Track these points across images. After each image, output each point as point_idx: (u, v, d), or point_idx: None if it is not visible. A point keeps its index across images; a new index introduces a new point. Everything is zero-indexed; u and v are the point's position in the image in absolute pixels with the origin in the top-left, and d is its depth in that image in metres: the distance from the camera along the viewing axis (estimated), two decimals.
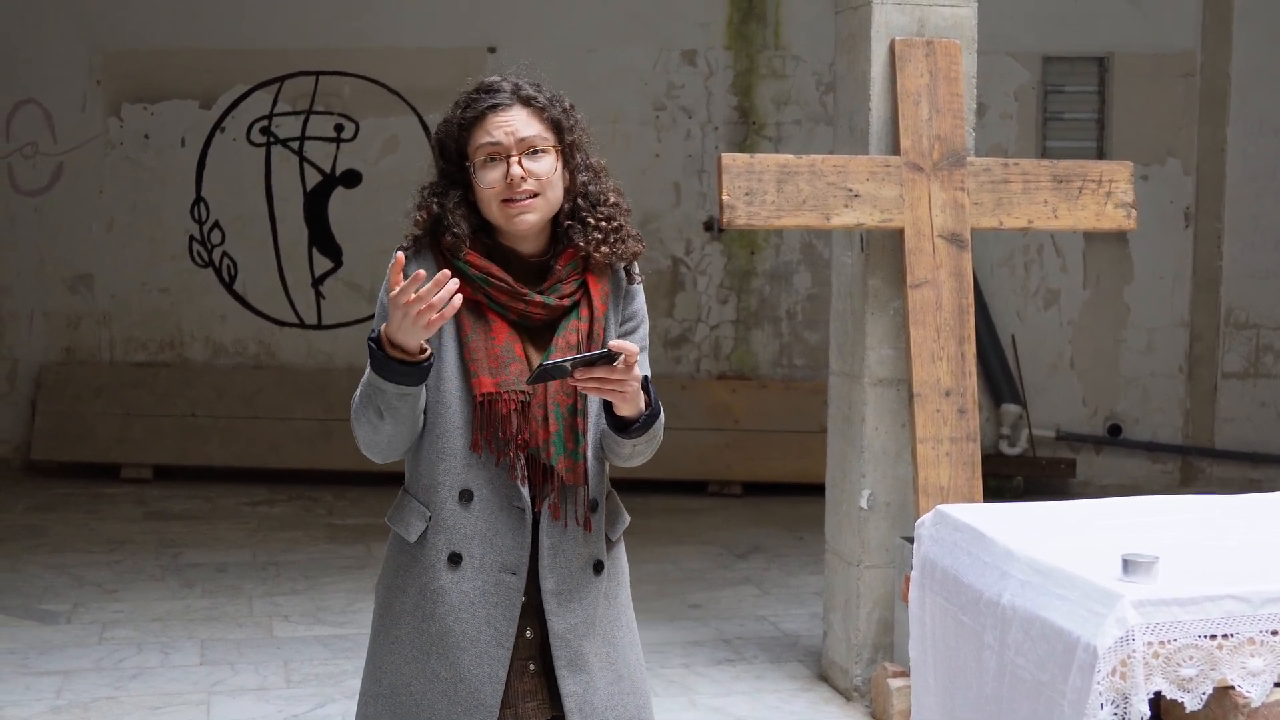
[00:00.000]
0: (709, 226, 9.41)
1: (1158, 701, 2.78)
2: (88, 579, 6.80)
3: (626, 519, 2.92)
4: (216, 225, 9.35)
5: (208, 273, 9.38)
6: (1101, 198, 5.25)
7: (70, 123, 9.24)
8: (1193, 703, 2.73)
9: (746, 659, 5.83)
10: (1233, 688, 2.75)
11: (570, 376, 2.56)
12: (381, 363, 2.60)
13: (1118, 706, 2.65)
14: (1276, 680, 2.79)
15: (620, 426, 2.70)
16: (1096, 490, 9.09)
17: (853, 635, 5.36)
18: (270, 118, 9.32)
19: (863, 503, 5.31)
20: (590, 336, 2.72)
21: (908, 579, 3.99)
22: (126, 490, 8.74)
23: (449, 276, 2.52)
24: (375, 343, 2.61)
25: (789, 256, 9.53)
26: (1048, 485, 9.18)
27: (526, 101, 2.71)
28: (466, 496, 2.72)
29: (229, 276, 9.38)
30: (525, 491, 2.71)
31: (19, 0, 9.08)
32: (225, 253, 9.37)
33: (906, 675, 4.84)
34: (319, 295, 9.43)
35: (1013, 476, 9.19)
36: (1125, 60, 9.42)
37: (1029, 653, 2.87)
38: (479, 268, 2.70)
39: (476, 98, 2.72)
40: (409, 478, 2.82)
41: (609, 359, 2.53)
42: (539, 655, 2.76)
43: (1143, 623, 2.67)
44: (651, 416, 2.70)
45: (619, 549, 2.90)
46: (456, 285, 2.52)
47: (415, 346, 2.58)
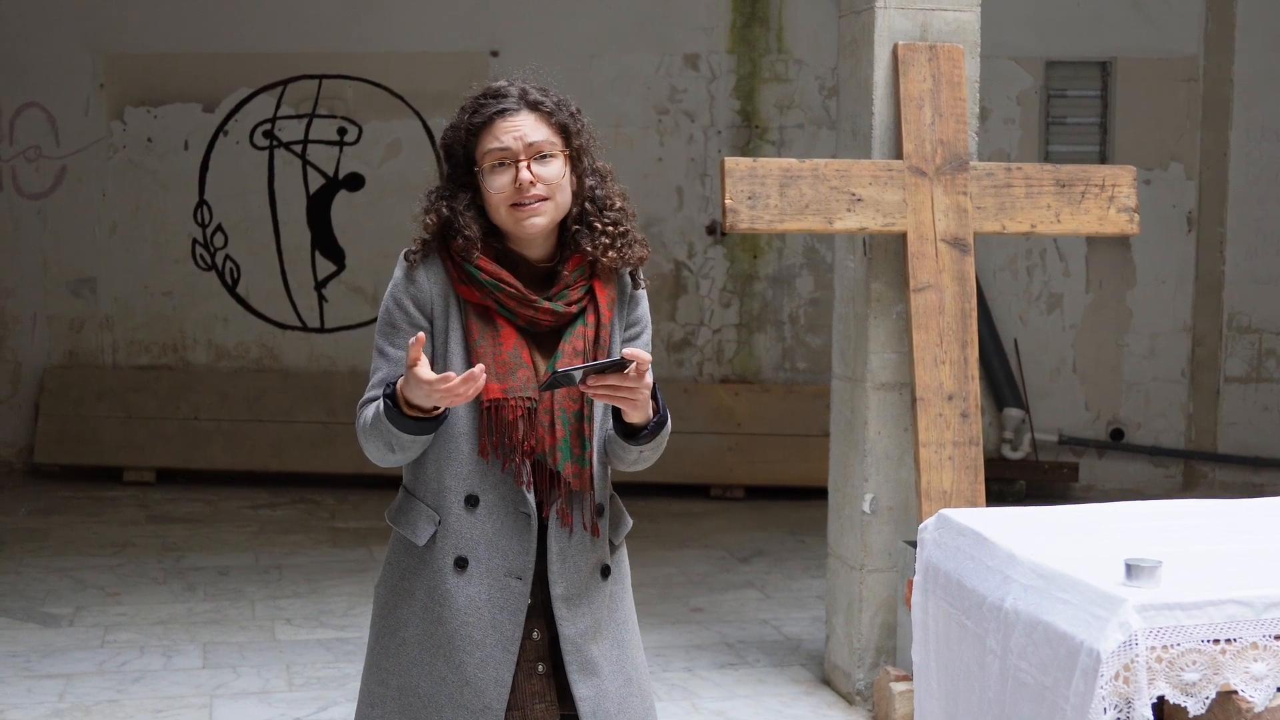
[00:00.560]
0: (712, 230, 9.41)
1: (1161, 706, 2.77)
2: (90, 582, 6.80)
3: (629, 522, 2.93)
4: (219, 228, 9.36)
5: (210, 276, 9.39)
6: (1104, 202, 5.25)
7: (73, 126, 9.24)
8: (1196, 707, 2.73)
9: (749, 663, 5.83)
10: (1236, 692, 2.75)
11: (582, 384, 2.57)
12: (395, 417, 2.62)
13: (1121, 711, 2.65)
14: (1279, 685, 2.79)
15: (629, 433, 2.71)
16: (1099, 494, 9.09)
17: (855, 639, 5.36)
18: (273, 121, 9.33)
19: (865, 507, 5.31)
20: (595, 343, 2.73)
21: (910, 583, 3.99)
22: (129, 493, 8.74)
23: (482, 374, 2.53)
24: (391, 399, 2.62)
25: (791, 260, 9.53)
26: (1050, 489, 9.18)
27: (534, 106, 2.71)
28: (473, 501, 2.73)
29: (232, 280, 9.39)
30: (531, 497, 2.72)
31: (23, 4, 9.09)
32: (228, 256, 9.38)
33: (909, 679, 4.84)
34: (322, 298, 9.43)
35: (1015, 481, 9.19)
36: (1128, 65, 9.42)
37: (1032, 657, 2.87)
38: (490, 273, 2.70)
39: (484, 103, 2.72)
40: (411, 479, 2.82)
41: (621, 366, 2.55)
42: (547, 656, 2.77)
43: (1146, 627, 2.67)
44: (659, 423, 2.71)
45: (622, 552, 2.92)
46: (484, 381, 2.54)
47: (431, 406, 2.60)
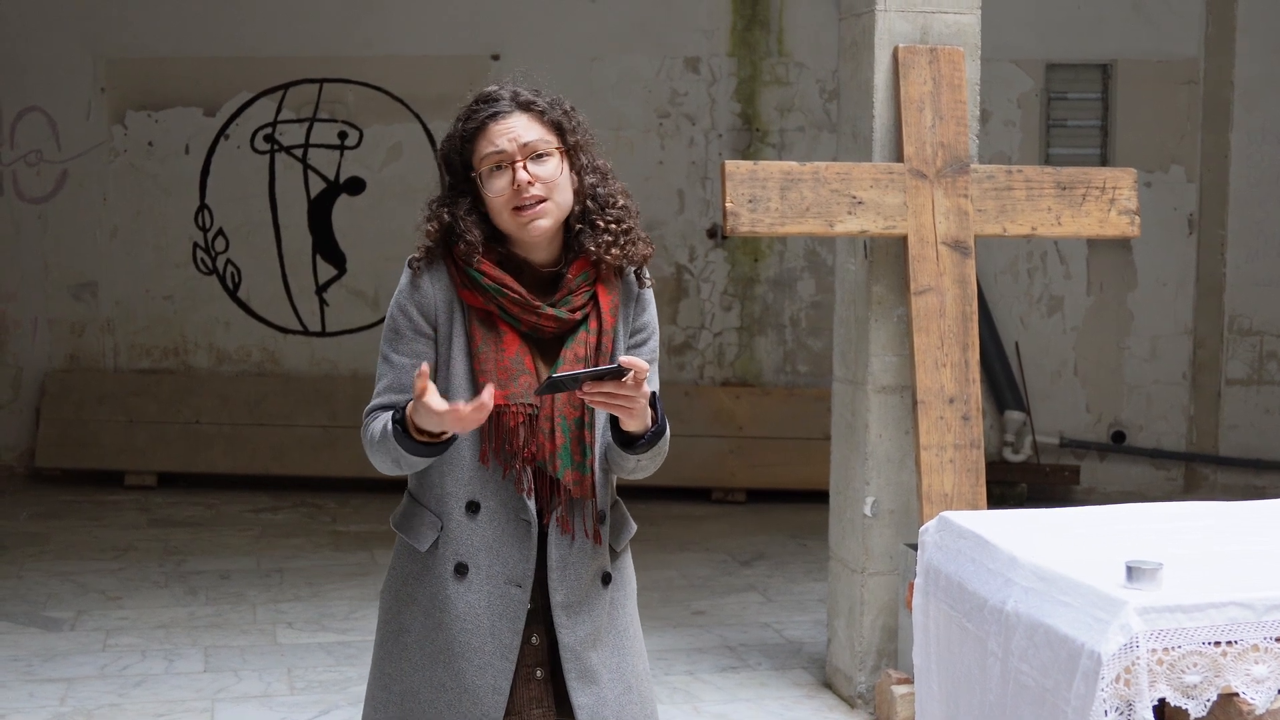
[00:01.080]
0: (712, 234, 9.41)
1: (1162, 708, 2.77)
2: (92, 586, 6.80)
3: (633, 528, 2.92)
4: (220, 232, 9.36)
5: (212, 280, 9.39)
6: (1105, 204, 5.25)
7: (74, 130, 9.25)
8: (1197, 710, 2.73)
9: (750, 666, 5.83)
10: (1237, 694, 2.75)
11: (579, 390, 2.56)
12: (404, 440, 2.62)
13: (1122, 714, 2.65)
14: None
15: (626, 441, 2.70)
16: (1100, 497, 9.08)
17: (857, 642, 5.36)
18: (274, 125, 9.33)
19: (867, 510, 5.31)
20: (598, 349, 2.72)
21: (911, 586, 3.99)
22: (130, 497, 8.74)
23: (490, 401, 2.52)
24: (400, 424, 2.62)
25: (793, 263, 9.53)
26: (1051, 492, 9.18)
27: (526, 107, 2.71)
28: (474, 508, 2.73)
29: (233, 284, 9.39)
30: (532, 504, 2.72)
31: (23, 8, 9.10)
32: (229, 260, 9.38)
33: (910, 682, 4.84)
34: (323, 302, 9.44)
35: (1016, 483, 9.18)
36: (1129, 67, 9.42)
37: (1033, 659, 2.87)
38: (493, 278, 2.69)
39: (476, 109, 2.73)
40: (415, 484, 2.83)
41: (619, 374, 2.54)
42: (546, 662, 2.77)
43: (1147, 629, 2.67)
44: (657, 433, 2.70)
45: (625, 558, 2.91)
46: (491, 407, 2.53)
47: (440, 430, 2.59)
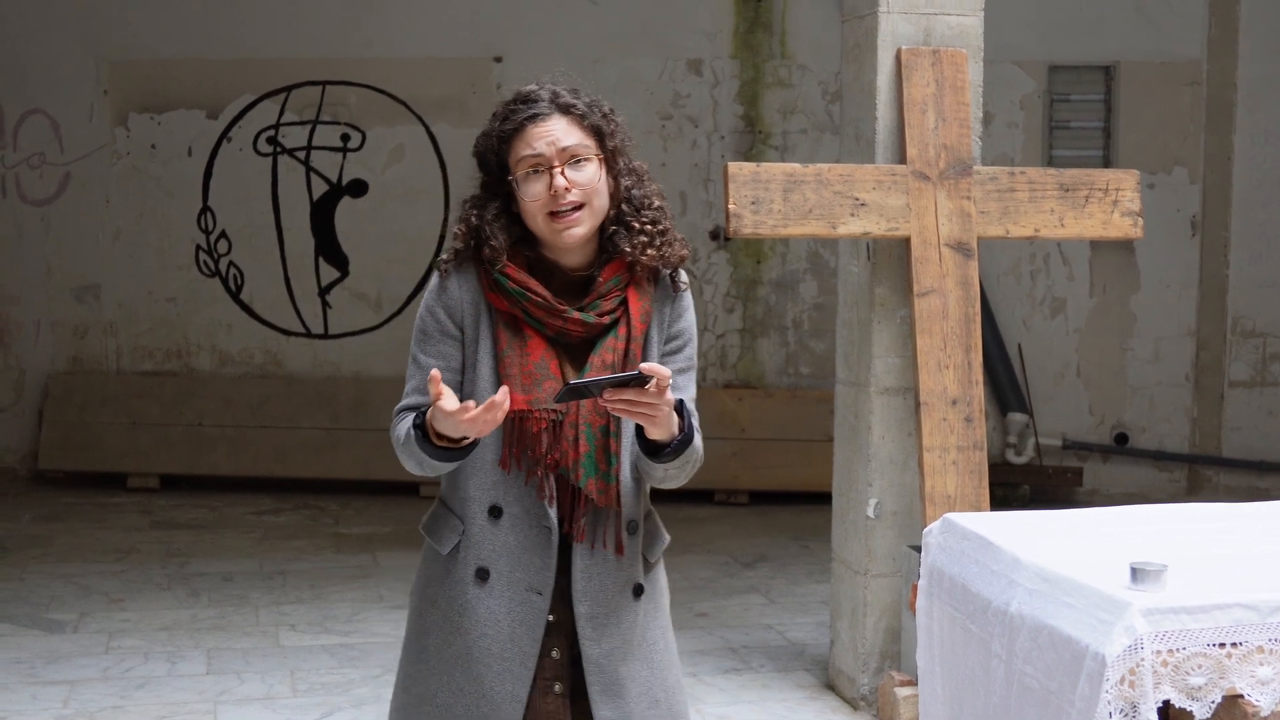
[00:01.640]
0: (715, 235, 9.41)
1: (1166, 710, 2.77)
2: (94, 588, 6.80)
3: (666, 539, 2.85)
4: (223, 235, 9.37)
5: (214, 282, 9.39)
6: (1108, 206, 5.25)
7: (77, 133, 9.26)
8: (1201, 711, 2.72)
9: (753, 668, 5.82)
10: (1242, 696, 2.75)
11: (599, 396, 2.50)
12: (425, 445, 2.58)
13: (1126, 715, 2.65)
14: None
15: (652, 450, 2.63)
16: (1103, 499, 9.08)
17: (860, 644, 5.35)
18: (277, 127, 9.33)
19: (870, 511, 5.31)
20: (626, 356, 2.66)
21: (915, 587, 3.98)
22: (133, 499, 8.74)
23: (504, 401, 2.47)
24: (420, 429, 2.58)
25: (795, 265, 9.53)
26: (1054, 494, 9.17)
27: (566, 110, 2.65)
28: (496, 512, 2.68)
29: (235, 286, 9.39)
30: (553, 512, 2.67)
31: (26, 10, 9.10)
32: (232, 262, 9.39)
33: (914, 684, 4.83)
34: (325, 305, 9.44)
35: (1019, 485, 9.18)
36: (1131, 69, 9.42)
37: (1037, 661, 2.87)
38: (517, 281, 2.64)
39: (515, 109, 2.66)
40: (444, 488, 2.78)
41: (641, 381, 2.47)
42: (566, 677, 2.72)
43: (1151, 631, 2.66)
44: (684, 442, 2.63)
45: (658, 570, 2.85)
46: (508, 407, 2.49)
47: (459, 436, 2.54)
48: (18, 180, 9.27)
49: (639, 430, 2.62)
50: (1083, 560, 2.97)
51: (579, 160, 2.63)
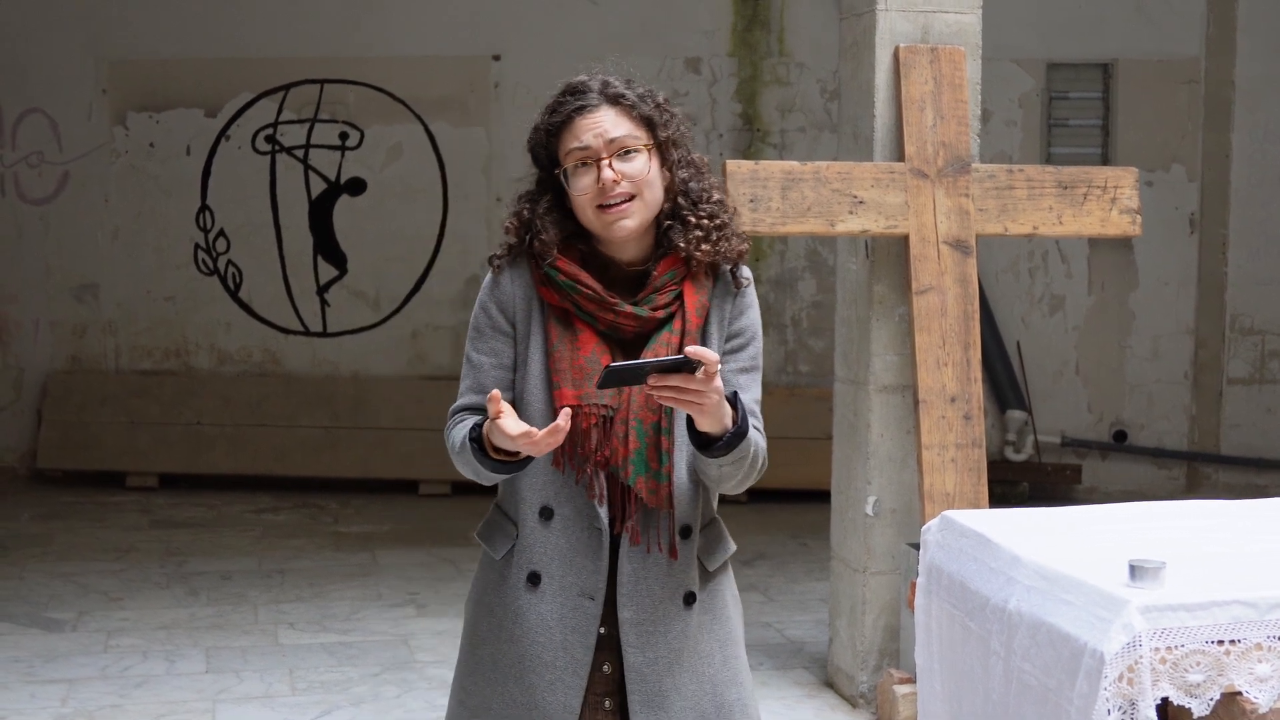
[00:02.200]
0: None
1: (1164, 707, 2.77)
2: (93, 587, 6.80)
3: (731, 547, 2.76)
4: (222, 233, 9.36)
5: (213, 281, 9.39)
6: (1106, 204, 5.25)
7: (76, 132, 9.25)
8: (1200, 709, 2.72)
9: (752, 665, 5.80)
10: (1240, 693, 2.75)
11: (643, 382, 2.38)
12: (480, 457, 2.52)
13: (1125, 713, 2.65)
14: None
15: (703, 444, 2.51)
16: (1102, 496, 9.07)
17: (858, 642, 5.35)
18: (275, 126, 9.33)
19: (868, 509, 5.31)
20: (681, 351, 2.52)
21: (913, 585, 3.98)
22: (132, 498, 8.74)
23: (566, 425, 2.40)
24: (476, 442, 2.52)
25: (794, 263, 9.53)
26: (1053, 492, 9.17)
27: (614, 100, 2.59)
28: (547, 514, 2.60)
29: (234, 284, 9.39)
30: (604, 512, 2.58)
31: (24, 9, 9.10)
32: (230, 261, 9.38)
33: (912, 682, 4.83)
34: (324, 303, 9.43)
35: (1018, 483, 9.18)
36: (1130, 66, 9.42)
37: (1035, 659, 2.87)
38: (568, 274, 2.57)
39: (563, 101, 2.60)
40: (500, 491, 2.71)
41: (688, 366, 2.35)
42: (616, 692, 2.63)
43: (1149, 628, 2.66)
44: (737, 435, 2.49)
45: (722, 580, 2.75)
46: (566, 430, 2.41)
47: (514, 449, 2.46)
48: (16, 179, 9.26)
49: (689, 422, 2.50)
50: (1081, 557, 2.97)
51: (628, 152, 2.57)
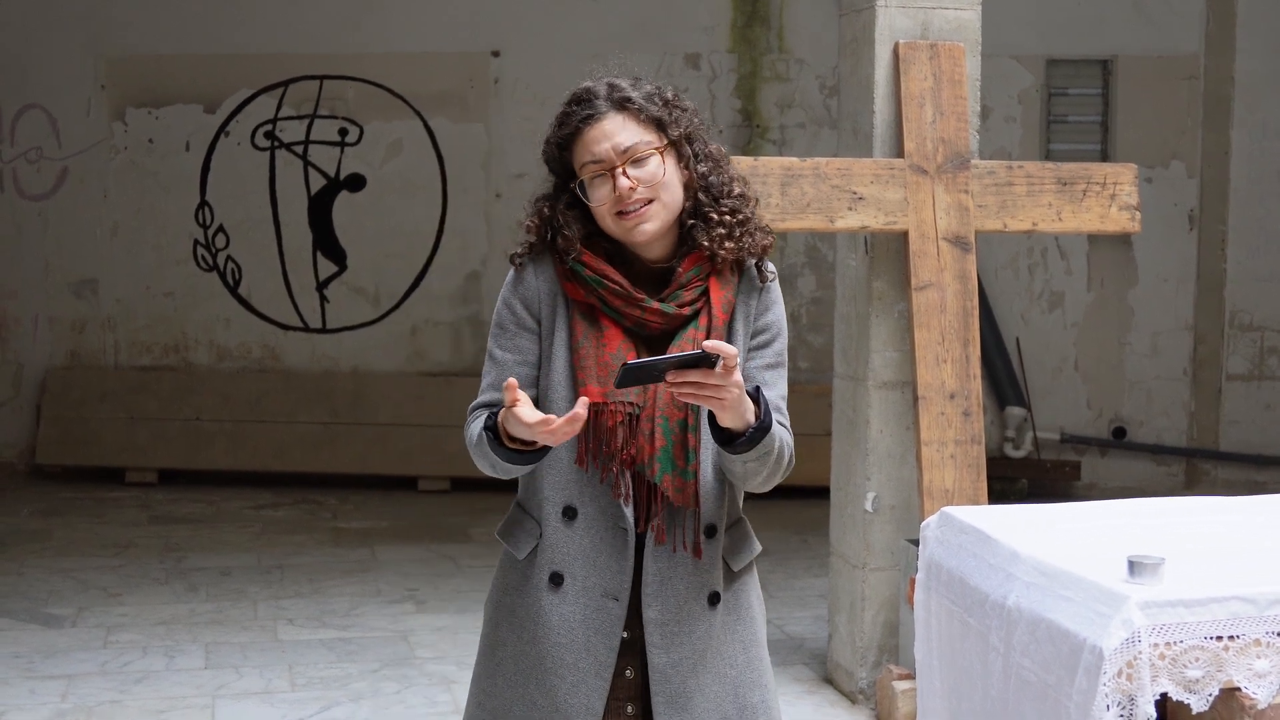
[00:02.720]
0: None
1: (1164, 703, 2.77)
2: (92, 583, 6.80)
3: (756, 548, 2.75)
4: (221, 229, 9.36)
5: (212, 277, 9.39)
6: (1106, 200, 5.25)
7: (75, 127, 9.25)
8: (1199, 704, 2.73)
9: None
10: (1239, 689, 2.75)
11: (662, 379, 2.36)
12: (497, 448, 2.50)
13: (1124, 708, 2.65)
14: None
15: (726, 440, 2.48)
16: (1101, 493, 9.08)
17: (858, 638, 5.36)
18: (274, 122, 9.33)
19: (867, 505, 5.31)
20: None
21: (913, 581, 3.98)
22: (131, 494, 8.74)
23: (584, 414, 2.37)
24: (492, 431, 2.50)
25: (793, 259, 9.53)
26: (1052, 488, 9.17)
27: (621, 105, 2.55)
28: (570, 513, 2.57)
29: (233, 280, 9.39)
30: (629, 511, 2.56)
31: (24, 6, 9.09)
32: (230, 257, 9.38)
33: (912, 678, 4.84)
34: (323, 299, 9.43)
35: (1017, 479, 9.18)
36: (1129, 63, 9.42)
37: (1034, 654, 2.87)
38: (594, 269, 2.54)
39: (570, 112, 2.57)
40: (521, 490, 2.69)
41: (706, 362, 2.32)
42: (639, 697, 2.61)
43: (1148, 624, 2.66)
44: (760, 430, 2.47)
45: (746, 581, 2.74)
46: (584, 418, 2.38)
47: (532, 439, 2.43)
48: (15, 175, 9.26)
49: (711, 418, 2.48)
50: (1080, 554, 2.97)
51: (641, 157, 2.54)
